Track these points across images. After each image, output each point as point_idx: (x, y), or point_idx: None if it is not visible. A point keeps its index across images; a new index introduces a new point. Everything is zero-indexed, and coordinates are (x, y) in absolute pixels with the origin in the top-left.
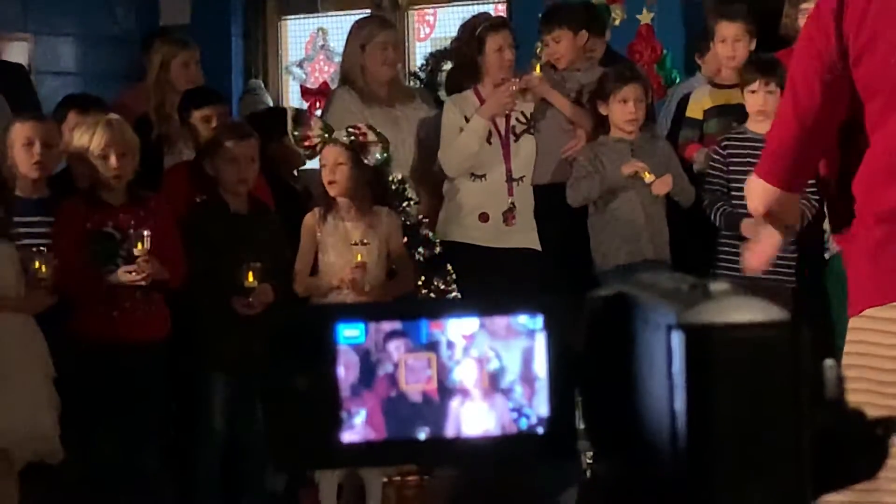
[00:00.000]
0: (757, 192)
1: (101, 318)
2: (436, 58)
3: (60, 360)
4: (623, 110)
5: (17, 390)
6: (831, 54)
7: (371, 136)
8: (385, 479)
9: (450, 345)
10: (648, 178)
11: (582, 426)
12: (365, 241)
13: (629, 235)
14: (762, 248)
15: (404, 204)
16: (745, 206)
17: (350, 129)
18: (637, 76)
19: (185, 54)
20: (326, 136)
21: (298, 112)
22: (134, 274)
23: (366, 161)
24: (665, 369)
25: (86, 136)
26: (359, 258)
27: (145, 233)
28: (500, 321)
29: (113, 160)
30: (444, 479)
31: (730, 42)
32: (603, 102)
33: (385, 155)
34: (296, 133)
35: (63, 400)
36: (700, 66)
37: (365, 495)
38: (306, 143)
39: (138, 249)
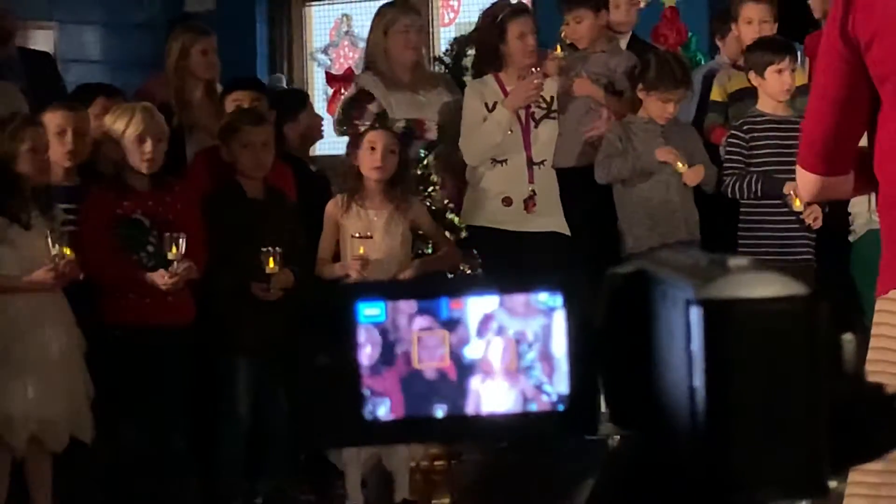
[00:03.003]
0: (803, 182)
1: (132, 304)
2: (460, 43)
3: (91, 345)
4: (664, 109)
5: (51, 373)
6: (847, 42)
7: (429, 129)
8: (413, 464)
9: (469, 322)
10: (681, 167)
11: (603, 403)
12: (370, 234)
13: (663, 216)
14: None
15: (429, 189)
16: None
17: (408, 119)
18: (686, 81)
19: (203, 42)
20: (382, 121)
21: (360, 91)
22: (168, 278)
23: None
24: (684, 344)
25: (121, 122)
26: (361, 251)
27: (181, 236)
28: (519, 299)
29: (149, 146)
30: (470, 464)
31: (756, 24)
32: (642, 89)
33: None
34: (343, 115)
35: (94, 384)
36: (720, 48)
37: (392, 482)
38: (355, 124)
39: (172, 254)
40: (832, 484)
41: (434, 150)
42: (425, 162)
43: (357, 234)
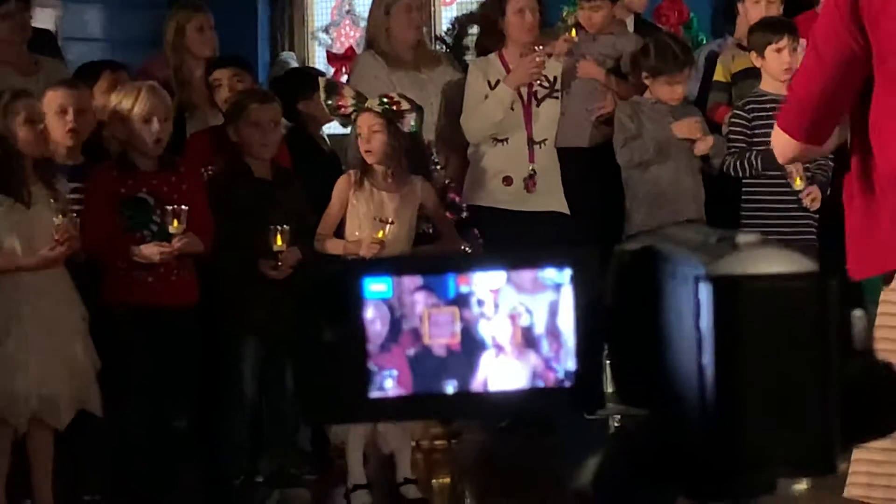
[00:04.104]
0: (781, 143)
1: (136, 283)
2: (461, 22)
3: (94, 324)
4: (672, 91)
5: (55, 349)
6: (854, 17)
7: (404, 105)
8: (413, 444)
9: (477, 299)
10: (698, 135)
11: (610, 380)
12: (392, 219)
13: (672, 196)
14: None
15: (430, 168)
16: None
17: (383, 99)
18: (689, 60)
19: (199, 18)
20: (359, 104)
21: (329, 82)
22: (166, 250)
23: (401, 128)
24: (693, 321)
25: (127, 101)
26: (380, 235)
27: (183, 208)
28: (526, 275)
29: (156, 124)
30: (471, 444)
31: (764, 3)
32: (647, 76)
33: (419, 122)
34: (329, 102)
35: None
36: (732, 29)
37: (393, 460)
38: (341, 112)
39: (174, 227)
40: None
41: (434, 129)
42: (426, 140)
43: (379, 218)
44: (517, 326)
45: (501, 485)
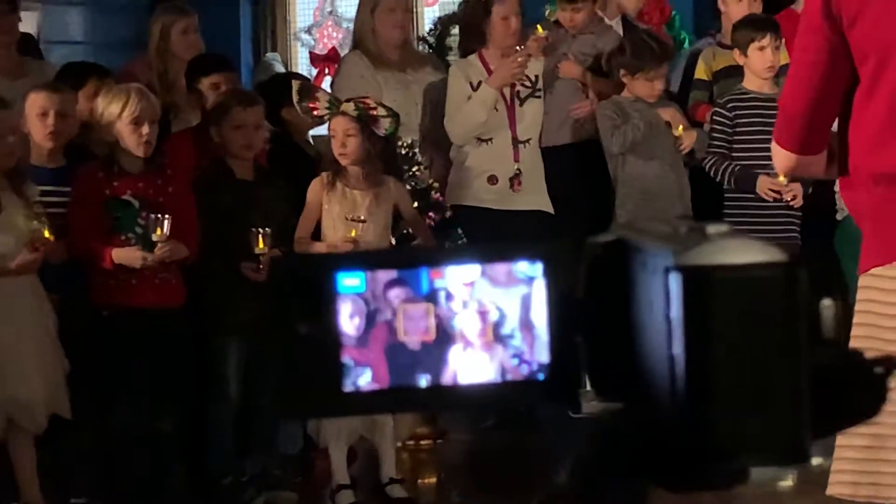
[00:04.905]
0: (779, 158)
1: (120, 285)
2: (444, 22)
3: (78, 326)
4: (652, 87)
5: (27, 354)
6: (830, 19)
7: (380, 111)
8: (399, 444)
9: (450, 293)
10: (680, 130)
11: (585, 372)
12: (363, 218)
13: (658, 192)
14: None
15: (414, 169)
16: (751, 165)
17: (358, 103)
18: (667, 55)
19: (183, 21)
20: (333, 107)
21: (304, 84)
22: (148, 257)
23: (376, 131)
24: (664, 311)
25: (116, 105)
26: (353, 233)
27: (167, 217)
28: (500, 268)
29: (145, 128)
30: (456, 443)
31: (746, 1)
32: (625, 73)
33: (395, 127)
34: (302, 104)
35: (81, 365)
36: (720, 26)
37: (378, 461)
38: (315, 114)
39: (157, 236)
40: (817, 461)
41: (418, 130)
42: (409, 141)
43: (350, 217)
44: (489, 320)
45: (487, 484)
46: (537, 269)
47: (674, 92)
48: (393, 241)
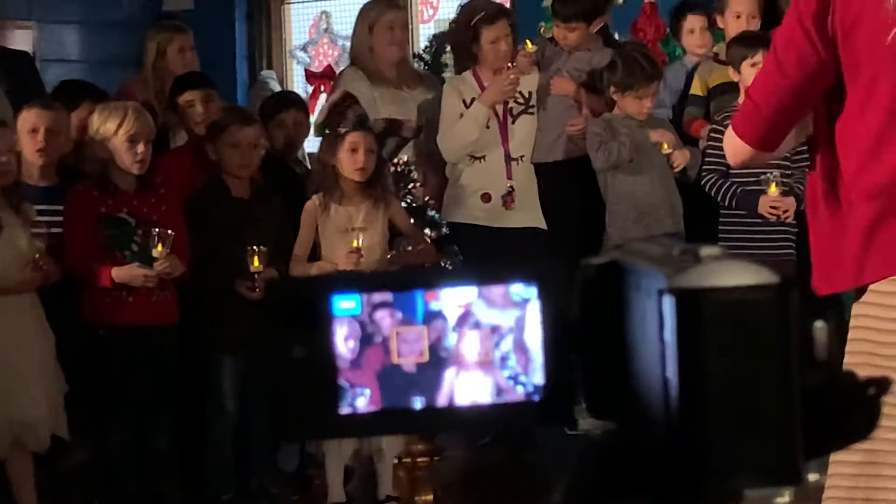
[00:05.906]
0: (734, 146)
1: (117, 303)
2: (439, 40)
3: (74, 343)
4: (641, 105)
5: (30, 374)
6: (821, 30)
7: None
8: (396, 461)
9: (445, 315)
10: (667, 149)
11: (579, 393)
12: (363, 225)
13: (649, 209)
14: None
15: (409, 186)
16: (748, 184)
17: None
18: (657, 74)
19: (180, 39)
20: (359, 125)
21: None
22: (150, 274)
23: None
24: (657, 333)
25: (112, 122)
26: (354, 244)
27: (169, 233)
28: (495, 290)
29: (141, 147)
30: (453, 460)
31: (745, 18)
32: (615, 91)
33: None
34: (328, 122)
35: (77, 383)
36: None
37: (375, 477)
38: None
39: (158, 251)
40: (813, 477)
41: (413, 147)
42: (405, 158)
43: (350, 228)
44: (485, 342)
45: (483, 501)
46: (532, 291)
47: (655, 114)
48: (391, 254)
